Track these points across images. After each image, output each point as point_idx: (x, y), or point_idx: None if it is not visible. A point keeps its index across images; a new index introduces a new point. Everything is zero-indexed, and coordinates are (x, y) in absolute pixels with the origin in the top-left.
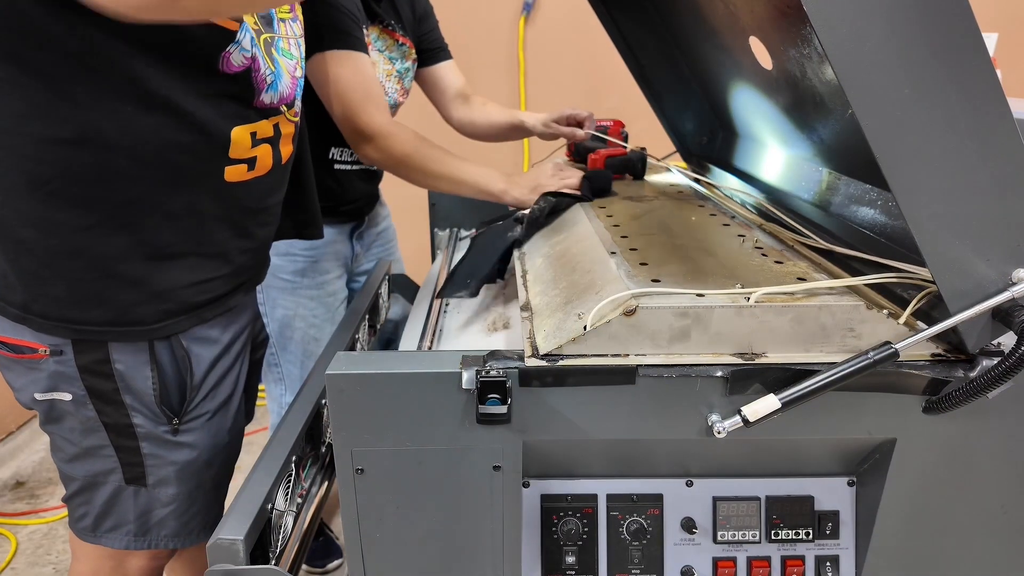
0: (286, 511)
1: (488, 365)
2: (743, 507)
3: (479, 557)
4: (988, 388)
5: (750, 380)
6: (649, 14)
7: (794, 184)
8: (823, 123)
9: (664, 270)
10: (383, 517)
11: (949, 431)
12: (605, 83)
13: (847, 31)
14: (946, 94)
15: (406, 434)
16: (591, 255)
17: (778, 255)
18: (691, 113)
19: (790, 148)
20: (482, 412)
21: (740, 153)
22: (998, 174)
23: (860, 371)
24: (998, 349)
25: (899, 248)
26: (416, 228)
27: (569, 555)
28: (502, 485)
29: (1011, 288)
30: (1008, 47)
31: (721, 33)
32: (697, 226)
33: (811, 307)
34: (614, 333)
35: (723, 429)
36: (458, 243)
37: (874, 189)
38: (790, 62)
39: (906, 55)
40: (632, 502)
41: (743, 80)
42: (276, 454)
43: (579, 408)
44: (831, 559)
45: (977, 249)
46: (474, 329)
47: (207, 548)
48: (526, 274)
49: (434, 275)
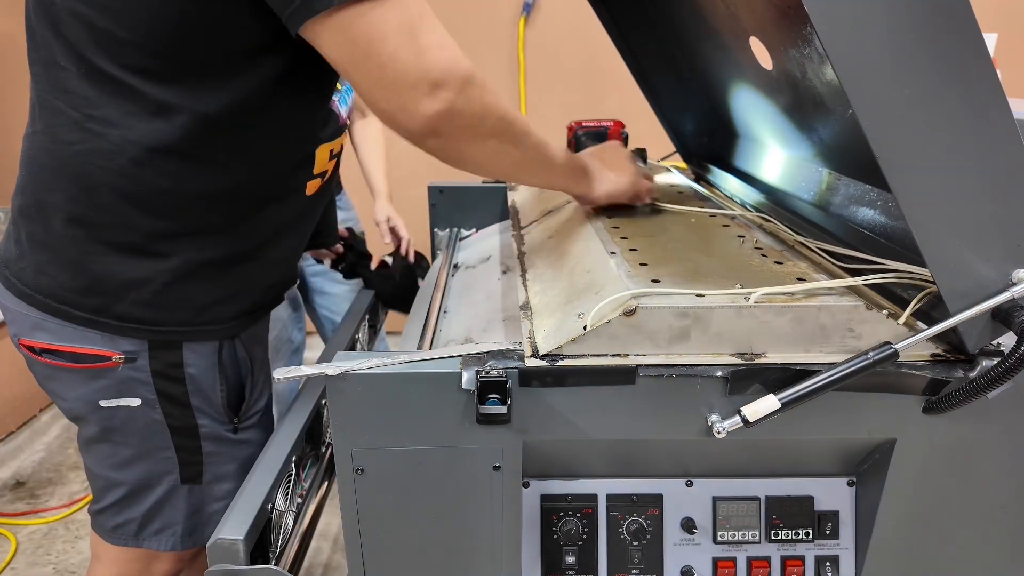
0: (286, 511)
1: (488, 365)
2: (743, 507)
3: (479, 557)
4: (988, 388)
5: (750, 380)
6: (649, 14)
7: (794, 184)
8: (823, 123)
9: (664, 270)
10: (383, 517)
11: (949, 431)
12: (605, 83)
13: (848, 31)
14: (946, 94)
15: (406, 434)
16: (591, 255)
17: (778, 255)
18: (691, 113)
19: (790, 148)
20: (482, 412)
21: (740, 153)
22: (998, 174)
23: (860, 371)
24: (998, 349)
25: (899, 248)
26: (416, 228)
27: (569, 555)
28: (502, 485)
29: (1011, 288)
30: (1008, 47)
31: (721, 33)
32: (697, 226)
33: (811, 307)
34: (614, 333)
35: (723, 429)
36: (458, 243)
37: (874, 189)
38: (790, 62)
39: (906, 55)
40: (632, 502)
41: (743, 80)
42: (276, 454)
43: (579, 408)
44: (831, 559)
45: (977, 249)
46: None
47: (207, 548)
48: (526, 274)
49: (434, 275)
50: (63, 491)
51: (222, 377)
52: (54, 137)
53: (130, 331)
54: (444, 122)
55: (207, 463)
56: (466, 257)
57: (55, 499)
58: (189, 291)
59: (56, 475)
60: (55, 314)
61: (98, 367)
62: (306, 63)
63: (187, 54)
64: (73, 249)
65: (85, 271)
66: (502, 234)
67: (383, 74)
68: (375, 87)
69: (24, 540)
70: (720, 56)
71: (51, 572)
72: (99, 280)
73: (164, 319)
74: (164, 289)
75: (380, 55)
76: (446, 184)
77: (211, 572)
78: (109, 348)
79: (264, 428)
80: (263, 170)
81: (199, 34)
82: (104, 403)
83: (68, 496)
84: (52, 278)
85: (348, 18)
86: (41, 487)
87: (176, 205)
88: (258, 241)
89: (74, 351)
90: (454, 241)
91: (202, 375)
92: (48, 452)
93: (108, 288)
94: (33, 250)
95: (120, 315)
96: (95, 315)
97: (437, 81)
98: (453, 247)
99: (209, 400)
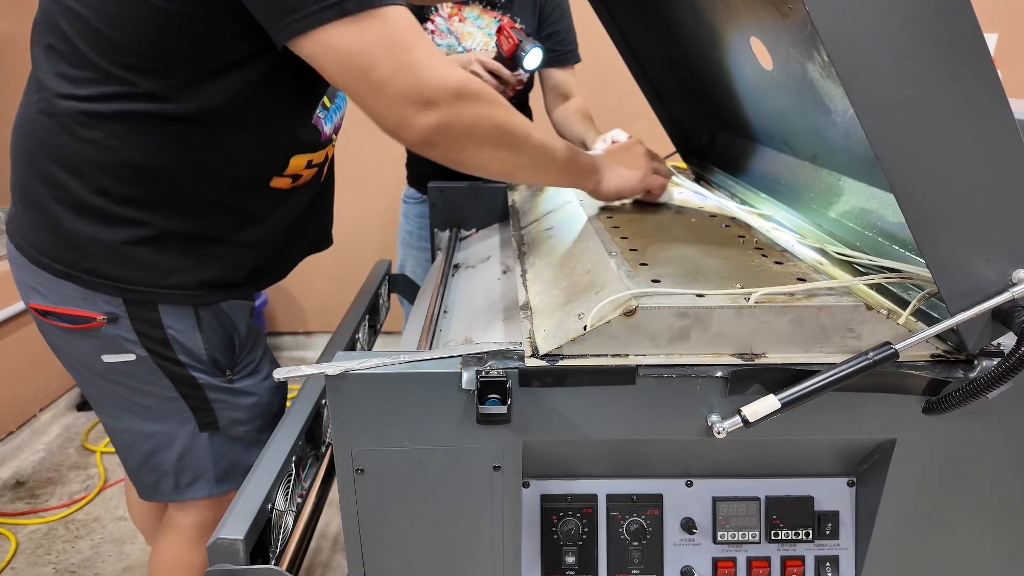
0: (286, 511)
1: (488, 365)
2: (743, 507)
3: (479, 557)
4: (988, 388)
5: (750, 380)
6: (649, 14)
7: (794, 184)
8: (823, 123)
9: (664, 270)
10: (383, 517)
11: (949, 431)
12: (605, 83)
13: (848, 31)
14: (946, 94)
15: (406, 434)
16: (591, 255)
17: (778, 255)
18: (691, 113)
19: (790, 148)
20: (482, 412)
21: (740, 153)
22: (998, 174)
23: (860, 371)
24: (998, 350)
25: (899, 248)
26: None
27: (569, 555)
28: (502, 485)
29: (1011, 288)
30: (1008, 47)
31: (721, 33)
32: (697, 226)
33: (811, 307)
34: (614, 333)
35: (723, 429)
36: (458, 243)
37: (874, 189)
38: (790, 62)
39: (907, 55)
40: (632, 502)
41: (743, 80)
42: (276, 454)
43: (579, 408)
44: (831, 559)
45: (977, 249)
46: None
47: (207, 548)
48: (525, 273)
49: (434, 275)
50: (63, 491)
51: (204, 337)
52: (41, 108)
53: (101, 286)
54: (438, 134)
55: (218, 409)
56: (466, 257)
57: (55, 499)
58: (153, 255)
59: (56, 475)
60: (40, 266)
61: (88, 328)
62: (288, 70)
63: (173, 57)
64: (52, 209)
65: (60, 228)
66: (502, 234)
67: (377, 93)
68: (372, 103)
69: (24, 540)
70: (720, 56)
71: (51, 572)
72: (71, 237)
73: (130, 278)
74: (127, 249)
75: (374, 72)
76: (446, 184)
77: (211, 572)
78: (91, 309)
79: (264, 376)
80: (232, 161)
81: (185, 42)
82: (106, 359)
83: (68, 496)
84: (36, 234)
85: (338, 33)
86: (41, 487)
87: (145, 179)
88: (224, 223)
89: (64, 312)
90: (454, 241)
91: (183, 336)
92: (48, 452)
93: (79, 244)
94: (24, 209)
95: (89, 270)
96: (70, 268)
97: (429, 99)
98: (453, 247)
99: (196, 357)
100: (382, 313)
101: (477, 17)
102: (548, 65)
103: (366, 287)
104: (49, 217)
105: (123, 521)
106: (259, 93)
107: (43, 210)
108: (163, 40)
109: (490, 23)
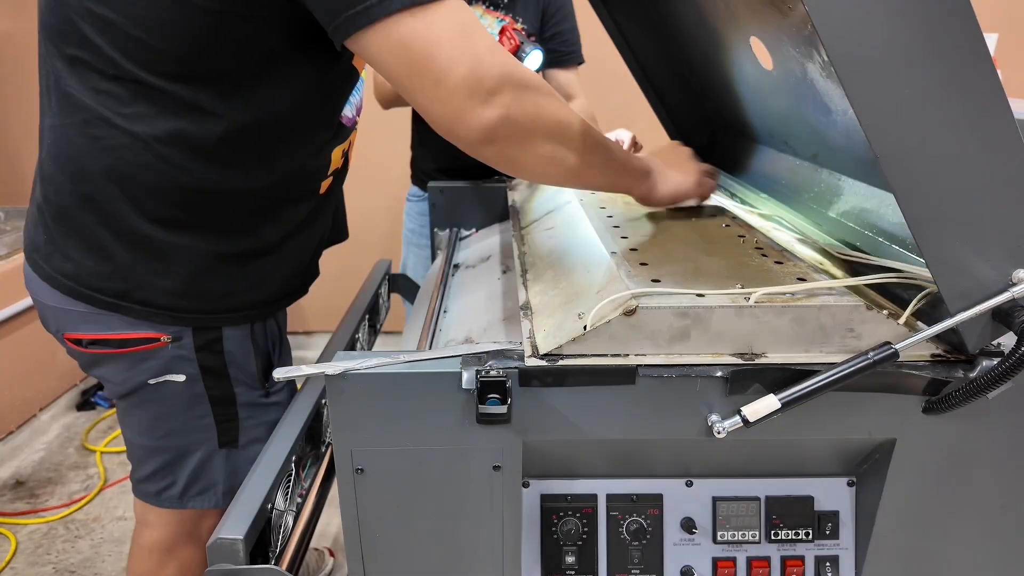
0: (286, 511)
1: (488, 365)
2: (743, 507)
3: (479, 557)
4: (988, 388)
5: (750, 380)
6: (649, 14)
7: (794, 184)
8: (823, 123)
9: (664, 270)
10: (383, 517)
11: (949, 431)
12: (605, 83)
13: (848, 31)
14: (946, 94)
15: (406, 434)
16: (591, 255)
17: (778, 255)
18: (691, 113)
19: (790, 148)
20: (482, 412)
21: (740, 153)
22: (998, 174)
23: (860, 371)
24: (998, 349)
25: (899, 248)
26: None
27: (569, 555)
28: (502, 485)
29: (1011, 288)
30: (1008, 47)
31: (721, 33)
32: (697, 226)
33: (811, 307)
34: (614, 333)
35: (723, 429)
36: (458, 243)
37: (874, 189)
38: (790, 62)
39: (906, 55)
40: (632, 502)
41: (743, 80)
42: (276, 454)
43: (579, 408)
44: (831, 559)
45: (977, 249)
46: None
47: (207, 548)
48: (526, 274)
49: (435, 275)
50: (63, 491)
51: (255, 348)
52: (82, 131)
53: (153, 316)
54: (501, 127)
55: (243, 428)
56: (466, 257)
57: (55, 499)
58: (209, 283)
59: (56, 475)
60: (79, 298)
61: (148, 348)
62: (330, 74)
63: (217, 63)
64: (97, 237)
65: (108, 258)
66: (502, 234)
67: (439, 84)
68: (431, 97)
69: (24, 540)
70: (720, 56)
71: (51, 572)
72: (121, 267)
73: (186, 307)
74: (183, 283)
75: (436, 63)
76: (446, 184)
77: (211, 572)
78: (151, 331)
79: (290, 390)
80: (282, 174)
81: (230, 45)
82: (152, 381)
83: (68, 496)
84: (77, 263)
85: (401, 25)
86: (41, 487)
87: (196, 202)
88: (275, 238)
89: (123, 338)
90: (454, 241)
91: (237, 348)
92: (48, 452)
93: (130, 275)
94: (60, 236)
95: (143, 301)
96: (117, 299)
97: (493, 88)
98: (453, 247)
99: (244, 370)
100: (382, 313)
101: (480, 17)
102: (551, 66)
103: (366, 287)
104: (95, 246)
105: (123, 521)
106: (304, 94)
107: (87, 239)
108: (205, 44)
109: (493, 23)
